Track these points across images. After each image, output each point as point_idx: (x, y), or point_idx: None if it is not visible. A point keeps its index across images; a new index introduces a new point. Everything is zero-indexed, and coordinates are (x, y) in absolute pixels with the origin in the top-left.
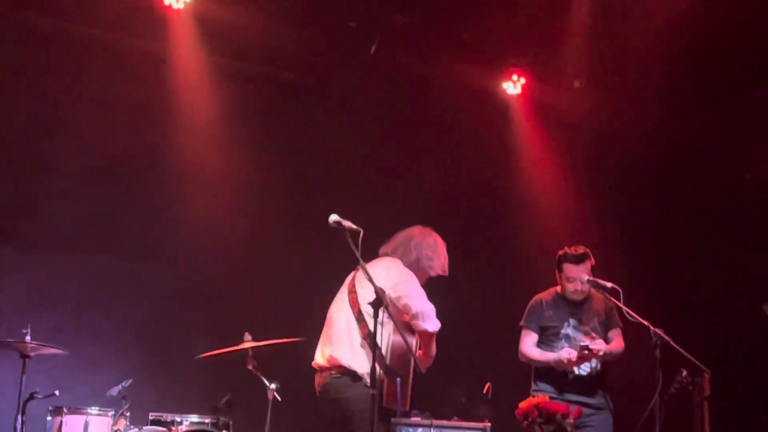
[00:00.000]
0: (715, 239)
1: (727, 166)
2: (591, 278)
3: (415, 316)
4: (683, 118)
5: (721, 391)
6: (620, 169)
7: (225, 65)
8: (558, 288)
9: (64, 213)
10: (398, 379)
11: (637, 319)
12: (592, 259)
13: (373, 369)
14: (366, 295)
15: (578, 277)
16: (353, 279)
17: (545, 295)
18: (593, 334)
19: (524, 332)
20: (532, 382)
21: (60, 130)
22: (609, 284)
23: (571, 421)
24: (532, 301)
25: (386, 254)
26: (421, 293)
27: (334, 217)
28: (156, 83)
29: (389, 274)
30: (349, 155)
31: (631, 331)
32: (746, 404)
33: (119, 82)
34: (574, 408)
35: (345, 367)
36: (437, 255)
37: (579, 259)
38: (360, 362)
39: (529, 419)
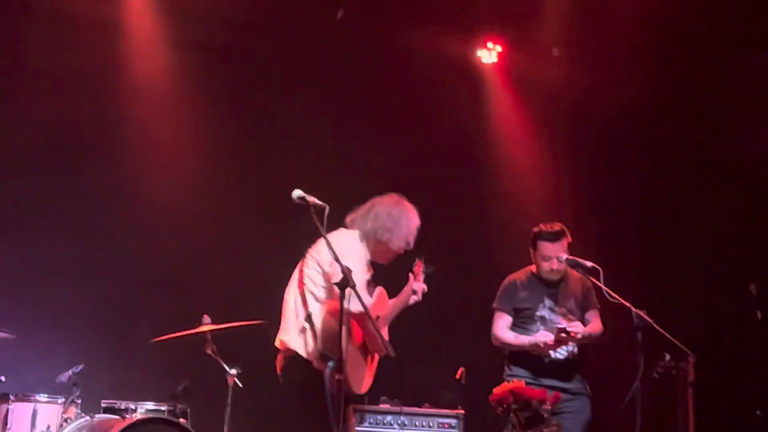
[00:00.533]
0: (699, 216)
1: (712, 140)
2: (570, 257)
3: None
4: (665, 86)
5: (706, 376)
6: (600, 139)
7: (180, 32)
8: (533, 267)
9: (10, 191)
10: (329, 363)
11: (619, 300)
12: (569, 236)
13: (339, 353)
14: (311, 274)
15: (554, 256)
16: (305, 257)
17: (519, 276)
18: (570, 316)
19: (497, 314)
20: (506, 367)
21: (2, 104)
22: (589, 263)
23: (548, 407)
24: (506, 281)
25: (345, 225)
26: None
27: (297, 193)
28: (106, 52)
29: (336, 248)
30: (315, 128)
31: (611, 313)
32: (732, 389)
33: (66, 50)
34: (551, 393)
35: (293, 350)
36: (399, 227)
37: (555, 237)
38: (302, 345)
39: (504, 405)
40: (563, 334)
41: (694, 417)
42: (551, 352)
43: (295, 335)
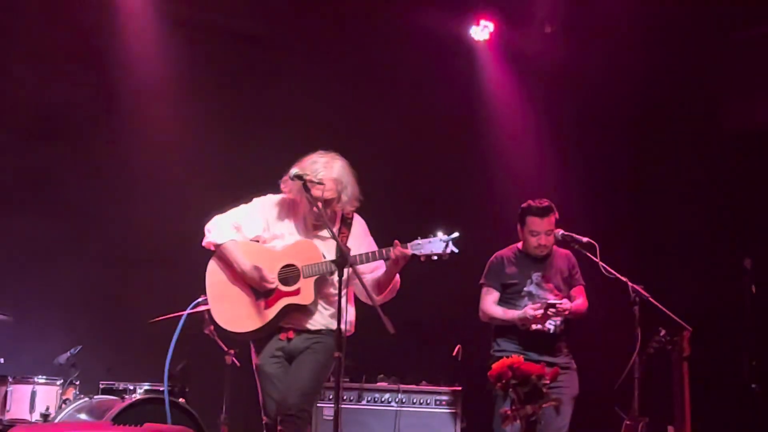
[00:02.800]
0: (694, 191)
1: (706, 115)
2: (566, 232)
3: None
4: (659, 64)
5: (701, 350)
6: (594, 117)
7: (175, 10)
8: (519, 244)
9: (2, 172)
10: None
11: (615, 274)
12: (557, 212)
13: (338, 330)
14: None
15: (542, 231)
16: None
17: (506, 252)
18: (557, 292)
19: (485, 290)
20: (493, 342)
21: None
22: (584, 239)
23: (547, 381)
24: (493, 257)
25: None
26: (231, 210)
27: (295, 171)
28: (99, 32)
29: None
30: (308, 106)
31: (608, 288)
32: (727, 363)
33: (59, 29)
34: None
35: None
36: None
37: (543, 212)
38: None
39: (503, 381)
40: (551, 309)
41: (689, 391)
42: (539, 327)
43: None
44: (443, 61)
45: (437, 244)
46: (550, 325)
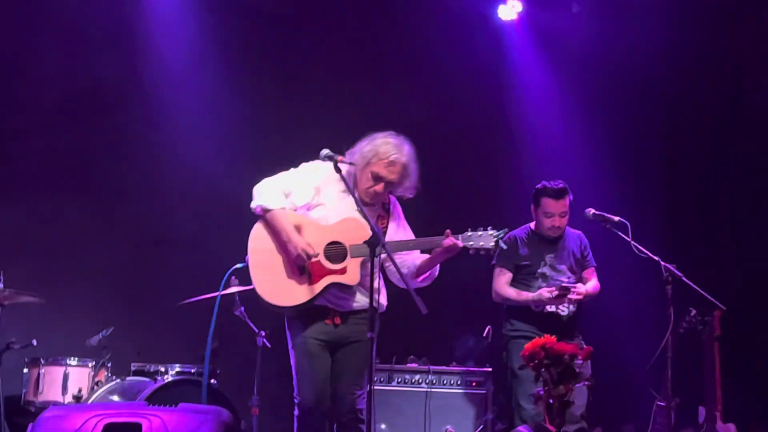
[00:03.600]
0: (725, 169)
1: (736, 92)
2: (597, 212)
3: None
4: (689, 40)
5: (733, 331)
6: (623, 95)
7: None
8: (532, 224)
9: (32, 153)
10: None
11: (647, 254)
12: (571, 194)
13: (372, 310)
14: None
15: (556, 213)
16: None
17: (519, 232)
18: (569, 274)
19: (498, 270)
20: (506, 322)
21: (24, 64)
22: (616, 218)
23: (580, 361)
24: (506, 237)
25: None
26: (278, 175)
27: (325, 152)
28: (127, 12)
29: None
30: (336, 87)
31: (639, 268)
32: (760, 344)
33: (88, 10)
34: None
35: None
36: (363, 147)
37: (558, 194)
38: None
39: (536, 361)
40: (569, 294)
41: (720, 372)
42: (552, 308)
43: None
44: (470, 41)
45: (487, 238)
46: (563, 308)
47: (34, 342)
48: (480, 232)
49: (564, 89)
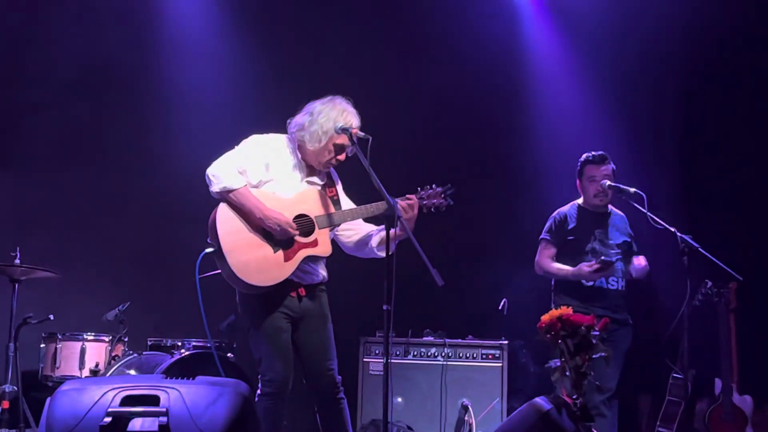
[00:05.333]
0: (742, 142)
1: (754, 66)
2: (613, 183)
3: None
4: (709, 12)
5: (749, 302)
6: (640, 70)
7: None
8: (580, 200)
9: (47, 128)
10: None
11: (663, 225)
12: (613, 164)
13: (389, 285)
14: None
15: (601, 176)
16: None
17: (567, 208)
18: (618, 250)
19: (543, 244)
20: (554, 295)
21: (39, 38)
22: (632, 189)
23: (597, 332)
24: (555, 213)
25: None
26: (228, 154)
27: (340, 124)
28: None
29: None
30: (347, 64)
31: (655, 239)
32: None
33: None
34: (599, 320)
35: None
36: (312, 124)
37: (600, 159)
38: None
39: (552, 332)
40: (606, 265)
41: (736, 344)
42: (602, 283)
43: None
44: (483, 17)
45: (436, 194)
46: (611, 283)
47: (51, 317)
48: (429, 190)
49: (580, 63)
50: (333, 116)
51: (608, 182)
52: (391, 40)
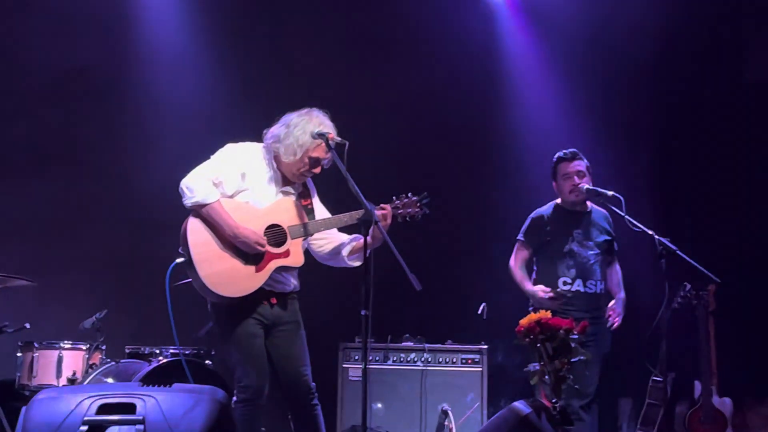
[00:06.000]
0: (719, 143)
1: (730, 67)
2: (590, 186)
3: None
4: (682, 16)
5: (727, 304)
6: (616, 71)
7: None
8: (558, 200)
9: (22, 135)
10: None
11: (641, 228)
12: (586, 160)
13: (367, 290)
14: None
15: (573, 172)
16: None
17: (545, 209)
18: (597, 250)
19: (518, 245)
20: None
21: (12, 46)
22: (609, 192)
23: (576, 336)
24: (533, 214)
25: None
26: (204, 166)
27: (317, 129)
28: None
29: None
30: (323, 67)
31: (633, 242)
32: (754, 317)
33: None
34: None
35: None
36: (288, 137)
37: (572, 155)
38: None
39: (531, 336)
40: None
41: (715, 346)
42: (579, 286)
43: None
44: (459, 19)
45: (411, 203)
46: (590, 286)
47: (27, 326)
48: (405, 199)
49: (556, 64)
50: (309, 129)
51: (586, 186)
52: (366, 46)
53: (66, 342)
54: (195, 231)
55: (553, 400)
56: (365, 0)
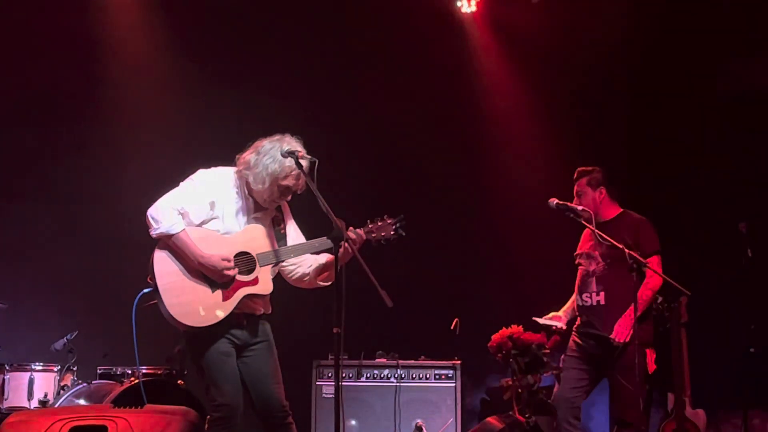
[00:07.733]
0: (688, 156)
1: (703, 78)
2: (560, 202)
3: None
4: (648, 30)
5: (700, 316)
6: (587, 84)
7: None
8: None
9: None
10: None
11: (612, 242)
12: (588, 177)
13: (339, 307)
14: None
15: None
16: None
17: None
18: (599, 260)
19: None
20: None
21: None
22: (580, 207)
23: (547, 351)
24: None
25: None
26: (171, 194)
27: (286, 147)
28: (82, 13)
29: None
30: (296, 83)
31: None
32: (726, 328)
33: (40, 12)
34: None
35: None
36: (258, 165)
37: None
38: None
39: (503, 351)
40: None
41: (688, 358)
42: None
43: None
44: (430, 34)
45: (387, 227)
46: (587, 298)
47: None
48: (379, 223)
49: (526, 79)
50: (279, 158)
51: (556, 201)
52: (336, 61)
53: (37, 364)
54: (162, 260)
55: (527, 415)
56: (337, 14)
